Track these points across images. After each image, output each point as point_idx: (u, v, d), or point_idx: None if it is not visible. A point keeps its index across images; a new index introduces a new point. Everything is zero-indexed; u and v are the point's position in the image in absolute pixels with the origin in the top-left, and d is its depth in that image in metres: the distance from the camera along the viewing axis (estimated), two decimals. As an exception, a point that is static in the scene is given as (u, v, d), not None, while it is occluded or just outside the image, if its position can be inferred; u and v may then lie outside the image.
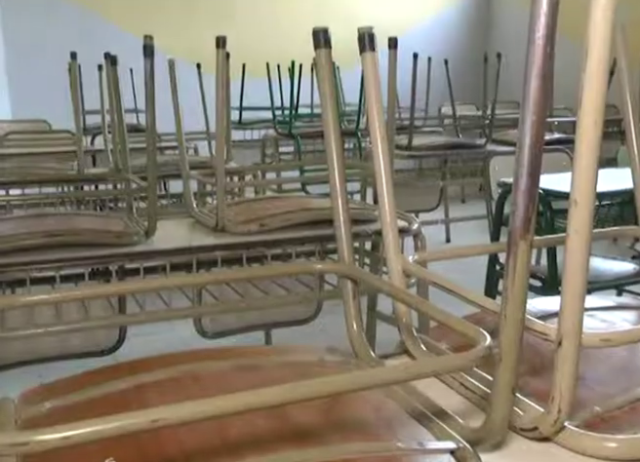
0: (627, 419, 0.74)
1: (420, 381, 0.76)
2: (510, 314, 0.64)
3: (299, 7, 6.66)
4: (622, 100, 1.15)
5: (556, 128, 4.44)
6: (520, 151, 0.61)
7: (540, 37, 0.58)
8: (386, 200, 0.96)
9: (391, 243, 0.96)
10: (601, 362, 0.87)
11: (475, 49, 6.70)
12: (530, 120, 0.60)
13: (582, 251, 0.65)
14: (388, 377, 0.60)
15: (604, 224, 2.51)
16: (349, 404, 0.77)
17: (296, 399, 0.60)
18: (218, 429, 0.69)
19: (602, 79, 0.61)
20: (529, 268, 0.63)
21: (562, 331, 0.67)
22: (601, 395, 0.79)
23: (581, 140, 0.63)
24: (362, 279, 0.90)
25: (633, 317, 1.03)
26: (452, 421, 0.74)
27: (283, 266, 1.33)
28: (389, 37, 1.71)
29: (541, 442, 0.73)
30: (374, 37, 0.98)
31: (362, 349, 0.92)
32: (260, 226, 1.73)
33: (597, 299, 1.13)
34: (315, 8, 6.67)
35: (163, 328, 3.00)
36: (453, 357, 0.67)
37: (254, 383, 0.79)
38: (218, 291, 1.82)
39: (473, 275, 2.65)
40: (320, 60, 0.97)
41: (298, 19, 6.52)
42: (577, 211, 0.64)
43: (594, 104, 0.61)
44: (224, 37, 1.66)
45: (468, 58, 6.63)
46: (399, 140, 3.69)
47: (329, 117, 0.96)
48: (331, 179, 0.96)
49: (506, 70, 6.82)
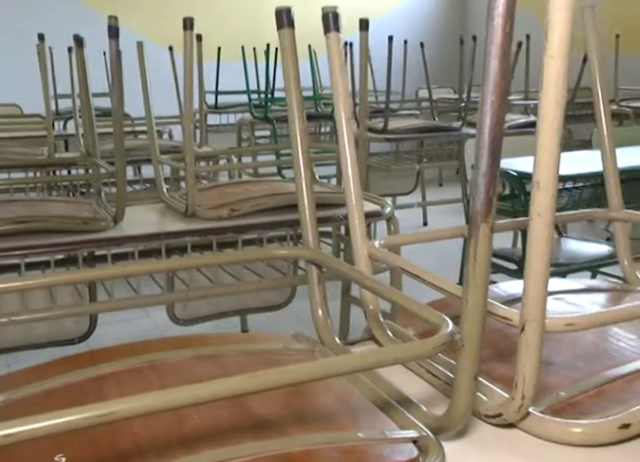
0: (593, 404, 0.73)
1: (385, 368, 0.74)
2: (472, 299, 0.63)
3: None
4: (593, 83, 1.14)
5: (532, 111, 4.44)
6: (480, 132, 0.59)
7: (499, 16, 0.56)
8: (352, 183, 0.94)
9: (357, 227, 0.94)
10: (568, 345, 0.86)
11: (453, 32, 6.66)
12: (489, 101, 0.58)
13: (545, 235, 0.63)
14: (344, 367, 0.58)
15: (578, 206, 2.52)
16: (312, 393, 0.76)
17: (252, 390, 0.58)
18: (174, 421, 0.68)
19: (562, 60, 0.59)
20: (490, 252, 0.62)
21: (525, 316, 0.66)
22: (568, 379, 0.78)
23: (543, 121, 0.61)
24: (326, 264, 0.89)
25: (602, 299, 1.03)
26: (416, 409, 0.73)
27: (245, 252, 1.31)
28: (360, 19, 1.68)
29: (506, 429, 0.72)
30: (338, 17, 0.96)
31: (328, 336, 0.91)
32: (230, 211, 1.71)
33: (567, 282, 1.12)
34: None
35: (137, 315, 2.97)
36: (413, 345, 0.65)
37: (214, 373, 0.78)
38: (189, 278, 1.80)
39: (452, 259, 2.65)
40: (283, 41, 0.94)
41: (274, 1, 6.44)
42: (539, 194, 0.63)
43: (555, 85, 0.60)
44: (192, 18, 1.62)
45: (446, 41, 6.60)
46: (375, 123, 3.66)
47: (293, 100, 0.94)
48: (295, 163, 0.94)
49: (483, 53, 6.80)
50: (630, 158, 2.62)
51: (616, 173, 1.13)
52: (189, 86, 1.64)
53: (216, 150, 2.94)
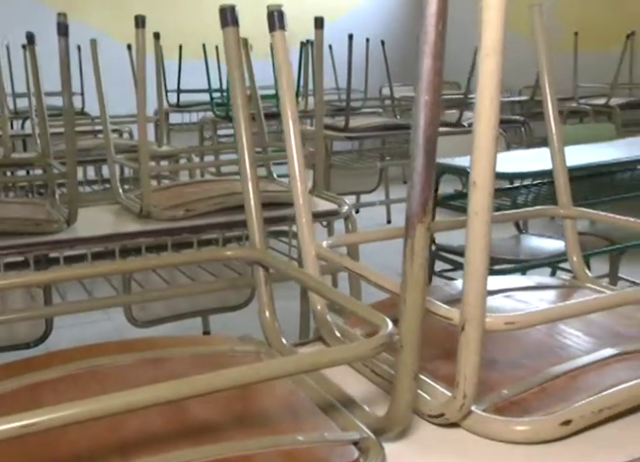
0: (536, 401, 0.74)
1: (332, 368, 0.74)
2: (410, 299, 0.62)
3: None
4: (541, 81, 1.15)
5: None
6: (415, 131, 0.58)
7: (432, 15, 0.56)
8: (298, 182, 0.93)
9: (305, 227, 0.93)
10: (515, 343, 0.86)
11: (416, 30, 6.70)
12: (423, 100, 0.57)
13: (483, 233, 0.63)
14: (276, 371, 0.57)
15: (537, 203, 2.54)
16: (256, 396, 0.75)
17: (185, 395, 0.57)
18: (112, 428, 0.66)
19: (496, 58, 0.59)
20: (428, 251, 0.62)
21: (464, 316, 0.65)
22: (512, 377, 0.78)
23: (479, 120, 0.61)
24: (272, 265, 0.88)
25: (550, 296, 1.03)
26: (359, 410, 0.72)
27: (191, 254, 1.30)
28: (315, 17, 1.67)
29: (449, 429, 0.72)
30: (283, 15, 0.95)
31: (274, 337, 0.90)
32: (185, 211, 1.69)
33: (516, 279, 1.13)
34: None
35: (98, 318, 2.93)
36: (350, 347, 0.65)
37: (155, 377, 0.76)
38: (145, 280, 1.78)
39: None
40: (228, 39, 0.93)
41: None
42: (476, 193, 0.62)
43: (489, 84, 0.60)
44: (143, 16, 1.60)
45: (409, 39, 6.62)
46: (337, 122, 3.66)
47: (238, 99, 0.93)
48: (240, 163, 0.93)
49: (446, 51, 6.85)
50: (590, 155, 2.66)
51: (565, 170, 1.14)
52: (142, 84, 1.62)
53: (175, 149, 2.91)
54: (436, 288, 1.51)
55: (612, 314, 0.95)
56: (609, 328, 0.91)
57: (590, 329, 0.91)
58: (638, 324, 0.94)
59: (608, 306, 0.80)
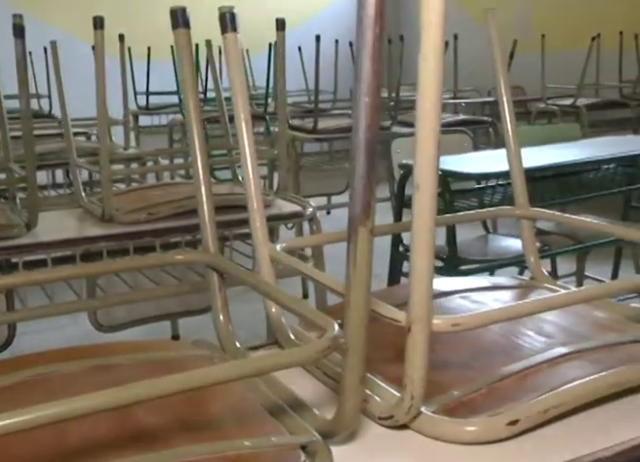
0: (485, 402, 0.74)
1: (284, 371, 0.74)
2: (354, 302, 0.62)
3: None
4: (497, 83, 1.16)
5: (462, 109, 4.51)
6: (355, 134, 0.58)
7: (369, 17, 0.55)
8: (252, 185, 0.92)
9: (259, 230, 0.93)
10: (467, 343, 0.87)
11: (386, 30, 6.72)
12: (363, 102, 0.57)
13: (427, 236, 0.63)
14: (220, 375, 0.57)
15: (503, 203, 2.56)
16: (205, 402, 0.74)
17: (127, 401, 0.56)
18: (55, 436, 0.65)
19: (437, 62, 0.59)
20: (371, 255, 0.61)
21: (411, 318, 0.66)
22: (463, 378, 0.78)
23: (421, 123, 0.61)
24: (225, 269, 0.87)
25: (506, 297, 1.04)
26: (309, 413, 0.72)
27: (143, 258, 1.29)
28: (277, 18, 1.67)
29: (399, 430, 0.72)
30: (235, 17, 0.94)
31: (228, 341, 0.89)
32: (148, 215, 1.67)
33: (474, 280, 1.13)
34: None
35: (64, 323, 2.89)
36: (293, 351, 0.65)
37: (101, 385, 0.75)
38: (108, 284, 1.76)
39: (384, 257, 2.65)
40: (179, 41, 0.93)
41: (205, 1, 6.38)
42: (419, 196, 0.63)
43: (430, 87, 0.60)
44: (102, 17, 1.58)
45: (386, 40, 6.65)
46: (306, 123, 3.65)
47: (189, 102, 0.92)
48: (193, 166, 0.93)
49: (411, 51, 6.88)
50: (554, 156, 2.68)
51: (521, 171, 1.14)
52: (102, 86, 1.61)
53: (142, 152, 2.89)
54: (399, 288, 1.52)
55: (567, 313, 0.96)
56: (563, 328, 0.92)
57: (544, 329, 0.91)
58: (592, 323, 0.95)
59: (555, 306, 0.80)
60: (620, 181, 2.92)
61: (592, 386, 0.75)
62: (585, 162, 2.74)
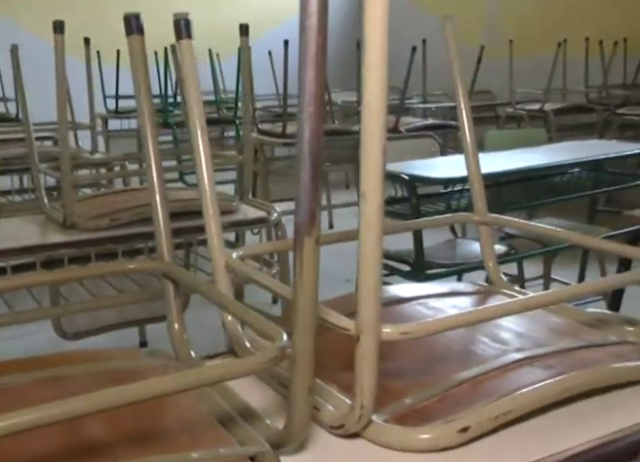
0: (437, 409, 0.74)
1: (239, 380, 0.73)
2: (301, 312, 0.62)
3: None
4: (455, 89, 1.16)
5: (431, 114, 4.54)
6: (300, 143, 0.58)
7: (312, 28, 0.55)
8: (207, 191, 0.92)
9: (214, 237, 0.92)
10: (421, 350, 0.87)
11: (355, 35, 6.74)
12: (307, 112, 0.57)
13: (374, 245, 0.63)
14: (163, 388, 0.56)
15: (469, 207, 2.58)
16: (155, 413, 0.73)
17: (70, 415, 0.55)
18: (2, 450, 0.64)
19: (381, 70, 0.59)
20: (318, 264, 0.61)
21: (359, 327, 0.65)
22: (416, 385, 0.78)
23: (366, 133, 0.61)
24: (179, 277, 0.86)
25: (463, 303, 1.04)
26: (260, 423, 0.72)
27: (95, 267, 1.28)
28: (240, 24, 1.66)
29: (351, 439, 0.72)
30: (189, 24, 0.94)
31: (183, 350, 0.88)
32: (110, 221, 1.66)
33: (433, 286, 1.14)
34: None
35: (30, 331, 2.84)
36: (238, 362, 0.64)
37: (49, 397, 0.74)
38: (70, 292, 1.74)
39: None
40: (133, 48, 0.92)
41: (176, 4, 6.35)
42: (366, 205, 0.62)
43: (375, 96, 0.60)
44: (62, 22, 1.56)
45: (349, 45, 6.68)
46: (275, 128, 3.65)
47: (144, 107, 0.92)
48: (147, 172, 0.92)
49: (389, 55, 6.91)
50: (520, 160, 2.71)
51: (479, 177, 1.15)
52: (62, 91, 1.59)
53: (109, 156, 2.86)
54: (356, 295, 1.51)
55: (523, 319, 0.97)
56: (518, 334, 0.93)
57: (499, 335, 0.92)
58: (547, 328, 0.96)
59: (505, 313, 0.81)
60: (586, 185, 2.96)
61: (543, 392, 0.75)
62: (551, 166, 2.77)
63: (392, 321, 0.70)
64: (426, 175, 2.30)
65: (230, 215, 1.75)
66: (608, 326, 0.99)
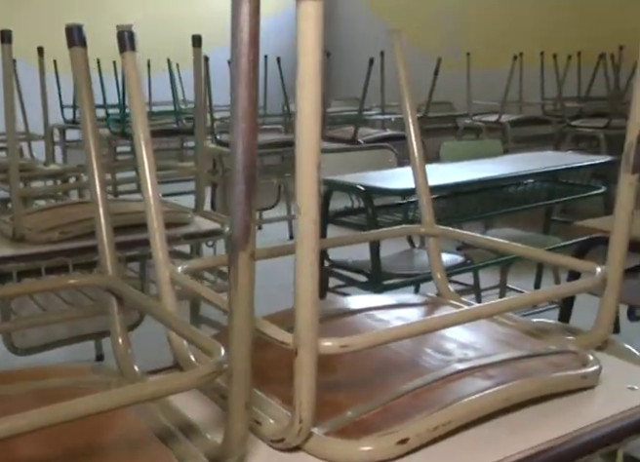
0: (378, 421, 0.74)
1: (181, 395, 0.73)
2: (237, 327, 0.62)
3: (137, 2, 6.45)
4: (402, 101, 1.18)
5: (390, 124, 4.58)
6: (234, 159, 0.58)
7: (243, 44, 0.56)
8: (152, 205, 0.91)
9: (159, 250, 0.91)
10: (364, 362, 0.87)
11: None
12: (240, 128, 0.57)
13: (310, 259, 0.64)
14: (96, 405, 0.56)
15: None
16: (96, 430, 0.72)
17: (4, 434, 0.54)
18: None
19: (314, 86, 0.60)
20: (254, 279, 0.61)
21: (297, 341, 0.66)
22: (358, 398, 0.79)
23: (300, 147, 0.61)
24: (121, 292, 0.85)
25: (409, 315, 1.05)
26: (200, 438, 0.71)
27: (37, 282, 1.26)
28: (193, 35, 1.66)
29: (292, 453, 0.72)
30: (133, 36, 0.94)
31: (127, 366, 0.88)
32: (60, 234, 1.63)
33: (381, 298, 1.15)
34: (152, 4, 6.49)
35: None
36: (177, 377, 0.64)
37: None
38: (20, 306, 1.71)
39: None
40: (75, 59, 0.91)
41: (134, 13, 6.31)
42: (302, 219, 0.63)
43: (309, 111, 0.60)
44: (9, 31, 1.54)
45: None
46: (234, 139, 3.63)
47: (86, 119, 0.91)
48: (90, 183, 0.91)
49: (348, 67, 6.99)
50: (481, 171, 2.75)
51: (427, 190, 1.16)
52: (9, 101, 1.57)
53: (64, 168, 2.82)
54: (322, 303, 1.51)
55: (468, 329, 0.98)
56: (462, 344, 0.94)
57: (443, 346, 0.93)
58: (491, 339, 0.98)
59: (447, 324, 0.82)
60: (541, 196, 3.02)
61: (482, 402, 0.77)
62: (507, 177, 2.82)
63: (337, 333, 0.71)
64: (383, 187, 2.32)
65: (183, 228, 1.74)
66: (550, 335, 1.01)
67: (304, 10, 0.58)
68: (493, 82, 5.16)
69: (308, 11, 0.58)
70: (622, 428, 0.80)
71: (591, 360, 0.90)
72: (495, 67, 5.42)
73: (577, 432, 0.78)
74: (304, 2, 0.58)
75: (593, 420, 0.80)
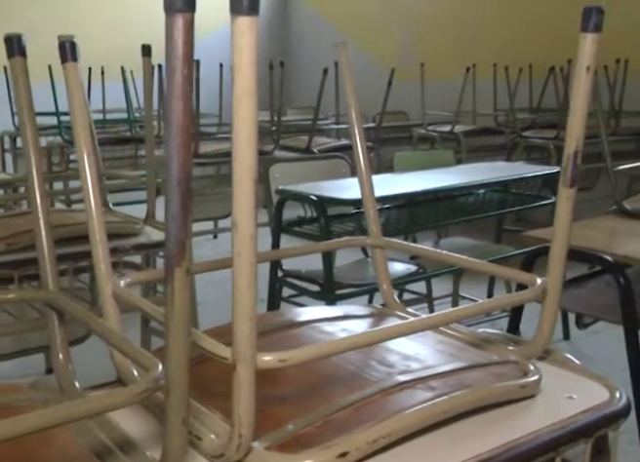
0: (318, 435, 0.75)
1: (122, 411, 0.72)
2: (173, 343, 0.61)
3: (89, 8, 6.38)
4: (348, 114, 1.19)
5: (344, 134, 4.60)
6: (169, 175, 0.58)
7: (178, 58, 0.56)
8: (94, 216, 0.89)
9: (101, 262, 0.90)
10: (307, 375, 0.87)
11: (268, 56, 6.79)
12: (175, 143, 0.57)
13: (248, 274, 0.64)
14: (28, 424, 0.55)
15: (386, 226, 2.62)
16: (31, 449, 0.71)
17: None
18: None
19: (250, 101, 0.60)
20: (189, 293, 0.61)
21: (235, 356, 0.65)
22: (300, 411, 0.79)
23: (237, 162, 0.61)
24: (61, 306, 0.84)
25: (354, 326, 1.06)
26: (139, 455, 0.70)
27: None
28: (142, 45, 1.65)
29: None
30: (75, 46, 0.92)
31: (67, 382, 0.86)
32: (6, 245, 1.60)
33: (327, 309, 1.15)
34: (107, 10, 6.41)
35: None
36: (111, 394, 0.63)
37: None
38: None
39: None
40: (14, 69, 0.90)
41: (88, 20, 6.24)
42: (237, 235, 0.63)
43: (245, 126, 0.60)
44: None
45: (263, 65, 6.72)
46: (189, 148, 3.61)
47: (26, 128, 0.89)
48: (30, 194, 0.90)
49: (305, 76, 7.01)
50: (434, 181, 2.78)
51: (373, 201, 1.17)
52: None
53: (14, 177, 2.76)
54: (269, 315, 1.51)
55: (413, 341, 0.99)
56: (406, 356, 0.95)
57: (387, 358, 0.93)
58: (435, 350, 0.98)
59: (388, 337, 0.83)
60: (492, 205, 3.07)
61: (423, 414, 0.77)
62: (459, 187, 2.86)
63: (280, 346, 0.71)
64: (335, 196, 2.33)
65: (133, 238, 1.72)
66: (493, 345, 1.02)
67: (239, 26, 0.58)
68: (447, 93, 5.23)
69: (243, 27, 0.58)
70: (560, 436, 0.82)
71: (532, 370, 0.92)
72: (449, 78, 5.50)
73: (515, 441, 0.79)
74: (239, 18, 0.58)
75: (532, 429, 0.82)
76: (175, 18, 0.55)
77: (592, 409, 0.87)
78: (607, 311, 1.88)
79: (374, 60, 6.35)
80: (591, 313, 2.06)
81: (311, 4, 7.53)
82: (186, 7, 0.54)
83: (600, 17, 0.84)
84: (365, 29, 6.71)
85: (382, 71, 4.32)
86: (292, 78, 7.38)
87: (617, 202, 2.15)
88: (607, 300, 1.92)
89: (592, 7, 0.85)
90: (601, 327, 2.62)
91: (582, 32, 0.86)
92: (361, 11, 6.87)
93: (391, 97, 4.16)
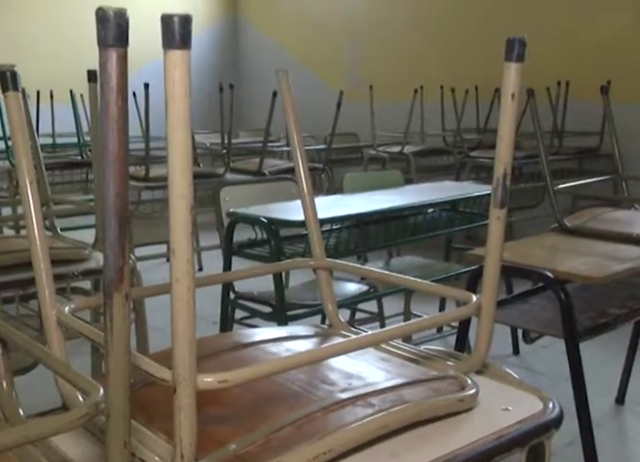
0: (260, 453, 0.76)
1: (66, 435, 0.72)
2: (113, 368, 0.63)
3: (39, 31, 6.33)
4: (290, 139, 1.22)
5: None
6: (105, 203, 0.60)
7: (112, 90, 0.58)
8: (37, 242, 0.90)
9: (45, 287, 0.90)
10: (250, 395, 0.89)
11: (224, 78, 6.83)
12: (111, 173, 0.59)
13: (186, 299, 0.65)
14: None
15: (337, 247, 2.65)
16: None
17: None
18: None
19: (184, 131, 0.62)
20: (128, 319, 0.63)
21: (175, 378, 0.67)
22: (242, 431, 0.80)
23: (172, 191, 0.63)
24: (5, 335, 0.84)
25: (298, 346, 1.08)
26: (81, 480, 0.71)
27: None
28: (88, 70, 1.66)
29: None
30: (16, 76, 0.94)
31: (11, 409, 0.86)
32: (-50, 273, 1.58)
33: (273, 331, 1.17)
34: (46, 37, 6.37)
35: None
36: (49, 420, 0.64)
37: None
38: None
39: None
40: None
41: (34, 45, 6.18)
42: (176, 261, 0.65)
43: (179, 154, 0.63)
44: None
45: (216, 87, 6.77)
46: (139, 171, 3.61)
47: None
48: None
49: (255, 98, 7.06)
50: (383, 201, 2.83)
51: (316, 223, 1.20)
52: None
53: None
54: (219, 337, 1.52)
55: (355, 359, 1.02)
56: (348, 374, 0.97)
57: (330, 376, 0.96)
58: (376, 367, 1.01)
59: (329, 355, 0.85)
60: (441, 224, 3.13)
61: (362, 430, 0.80)
62: (408, 207, 2.91)
63: (224, 367, 0.73)
64: (285, 218, 2.35)
65: (82, 264, 1.72)
66: (433, 361, 1.06)
67: (172, 58, 0.60)
68: (396, 114, 5.33)
69: (175, 59, 0.61)
70: (495, 447, 0.85)
71: (469, 383, 0.95)
72: (398, 99, 5.61)
73: (453, 452, 0.82)
74: (172, 51, 0.60)
75: (469, 440, 0.85)
76: (108, 52, 0.57)
77: (526, 420, 0.90)
78: (550, 325, 1.94)
79: (326, 82, 6.44)
80: (536, 328, 2.12)
81: (261, 27, 7.61)
82: (119, 42, 0.56)
83: (522, 48, 0.89)
84: (315, 51, 6.81)
85: (334, 93, 4.39)
86: (243, 100, 7.43)
87: (557, 220, 2.23)
88: (550, 315, 1.98)
89: (515, 38, 0.90)
90: (549, 342, 2.70)
91: (507, 62, 0.91)
92: (312, 34, 6.97)
93: (342, 119, 4.22)
